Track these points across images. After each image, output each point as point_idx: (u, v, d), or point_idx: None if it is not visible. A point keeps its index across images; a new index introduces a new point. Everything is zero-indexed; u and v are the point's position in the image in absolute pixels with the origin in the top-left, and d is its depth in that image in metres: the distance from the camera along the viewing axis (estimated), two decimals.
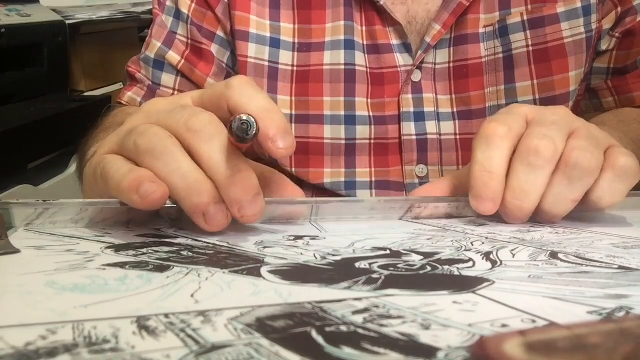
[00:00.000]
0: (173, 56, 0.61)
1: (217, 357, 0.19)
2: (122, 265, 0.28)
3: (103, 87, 1.27)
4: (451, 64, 0.57)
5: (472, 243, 0.34)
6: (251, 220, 0.32)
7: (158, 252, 0.31)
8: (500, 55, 0.56)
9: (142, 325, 0.21)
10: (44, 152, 0.91)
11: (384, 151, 0.59)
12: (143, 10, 1.34)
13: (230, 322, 0.21)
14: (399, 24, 0.56)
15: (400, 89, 0.58)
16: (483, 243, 0.34)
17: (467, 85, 0.57)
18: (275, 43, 0.58)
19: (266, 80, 0.59)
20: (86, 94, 1.18)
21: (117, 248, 0.32)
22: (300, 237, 0.35)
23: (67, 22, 1.10)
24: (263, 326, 0.21)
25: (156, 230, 0.36)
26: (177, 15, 0.61)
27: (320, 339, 0.20)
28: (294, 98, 0.58)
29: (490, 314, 0.23)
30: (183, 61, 0.61)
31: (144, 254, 0.31)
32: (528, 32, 0.55)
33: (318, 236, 0.35)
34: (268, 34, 0.59)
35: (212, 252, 0.31)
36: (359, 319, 0.22)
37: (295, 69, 0.58)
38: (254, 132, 0.28)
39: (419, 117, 0.58)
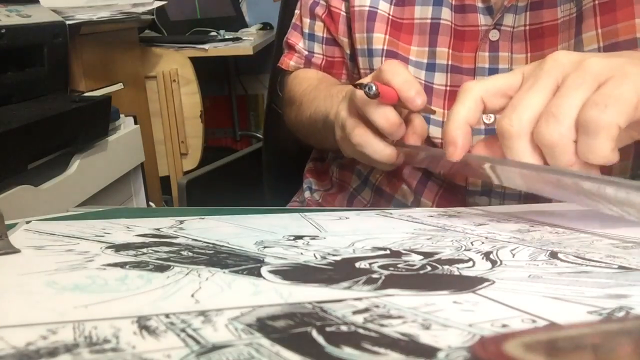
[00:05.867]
0: (319, 25, 0.75)
1: (218, 357, 0.19)
2: (122, 265, 0.29)
3: (103, 87, 1.27)
4: (527, 27, 0.61)
5: (472, 243, 0.34)
6: (398, 136, 0.48)
7: (158, 252, 0.31)
8: (574, 15, 0.59)
9: (143, 325, 0.21)
10: (44, 152, 0.90)
11: None
12: (143, 11, 1.34)
13: (230, 322, 0.21)
14: None
15: (478, 45, 0.63)
16: (483, 243, 0.34)
17: (542, 45, 0.61)
18: None
19: (365, 23, 0.66)
20: (86, 94, 1.18)
21: (117, 248, 0.32)
22: (300, 237, 0.35)
23: (67, 22, 1.10)
24: (263, 326, 0.21)
25: (156, 230, 0.36)
26: None
27: (320, 339, 0.20)
28: (387, 37, 0.66)
29: (490, 314, 0.23)
30: (324, 26, 0.74)
31: (144, 254, 0.31)
32: None
33: (318, 236, 0.35)
34: None
35: (212, 252, 0.31)
36: (359, 318, 0.22)
37: (390, 17, 0.66)
38: (372, 91, 0.44)
39: (493, 73, 0.62)
